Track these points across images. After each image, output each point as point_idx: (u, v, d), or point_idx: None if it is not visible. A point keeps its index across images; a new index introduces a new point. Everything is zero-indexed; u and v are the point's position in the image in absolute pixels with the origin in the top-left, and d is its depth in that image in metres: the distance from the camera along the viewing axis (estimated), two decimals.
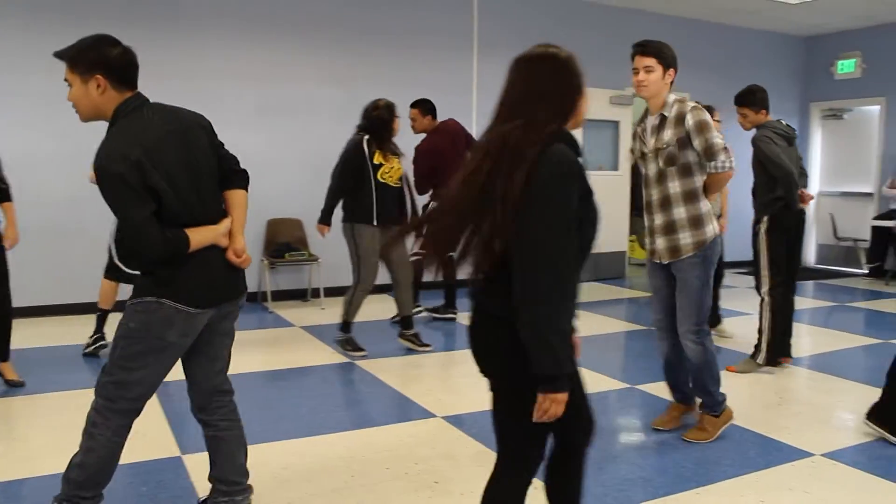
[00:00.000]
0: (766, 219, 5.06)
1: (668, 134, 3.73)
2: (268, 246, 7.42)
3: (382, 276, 5.78)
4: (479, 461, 3.62)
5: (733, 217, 6.60)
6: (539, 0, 8.90)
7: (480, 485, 3.32)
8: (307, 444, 3.84)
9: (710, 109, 6.10)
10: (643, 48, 3.77)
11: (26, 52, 6.46)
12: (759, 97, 5.15)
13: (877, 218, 9.99)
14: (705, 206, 3.76)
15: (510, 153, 1.97)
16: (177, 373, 2.78)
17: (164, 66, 6.92)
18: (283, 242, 7.36)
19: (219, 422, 2.89)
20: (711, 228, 3.75)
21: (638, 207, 9.78)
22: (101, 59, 2.44)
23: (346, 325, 5.65)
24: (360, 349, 5.62)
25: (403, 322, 5.82)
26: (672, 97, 3.80)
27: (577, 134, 2.08)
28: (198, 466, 3.48)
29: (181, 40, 7.07)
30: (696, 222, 3.73)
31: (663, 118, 3.78)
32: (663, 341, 4.00)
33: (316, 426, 4.09)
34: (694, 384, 3.99)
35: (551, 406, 1.99)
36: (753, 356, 5.28)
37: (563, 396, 1.99)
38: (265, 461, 3.58)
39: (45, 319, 6.58)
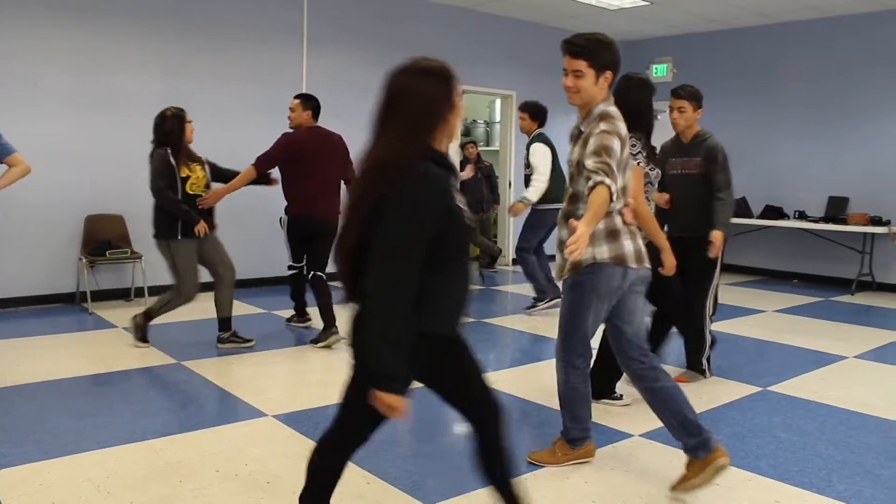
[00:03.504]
0: None
1: (577, 153, 3.18)
2: (87, 244, 7.01)
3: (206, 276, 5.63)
4: None
5: None
6: None
7: None
8: (131, 450, 3.67)
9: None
10: (570, 48, 3.09)
11: None
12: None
13: None
14: (602, 224, 3.18)
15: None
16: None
17: None
18: (104, 240, 6.98)
19: None
20: (590, 252, 3.17)
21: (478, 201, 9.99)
22: None
23: (149, 316, 5.68)
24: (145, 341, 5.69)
25: (222, 324, 5.70)
26: (600, 108, 3.14)
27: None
28: (8, 483, 3.26)
29: None
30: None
31: (580, 132, 3.21)
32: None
33: (140, 431, 3.91)
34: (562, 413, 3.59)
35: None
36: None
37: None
38: (85, 471, 3.39)
39: None
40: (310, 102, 5.87)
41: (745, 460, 3.68)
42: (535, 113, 7.06)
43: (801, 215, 9.44)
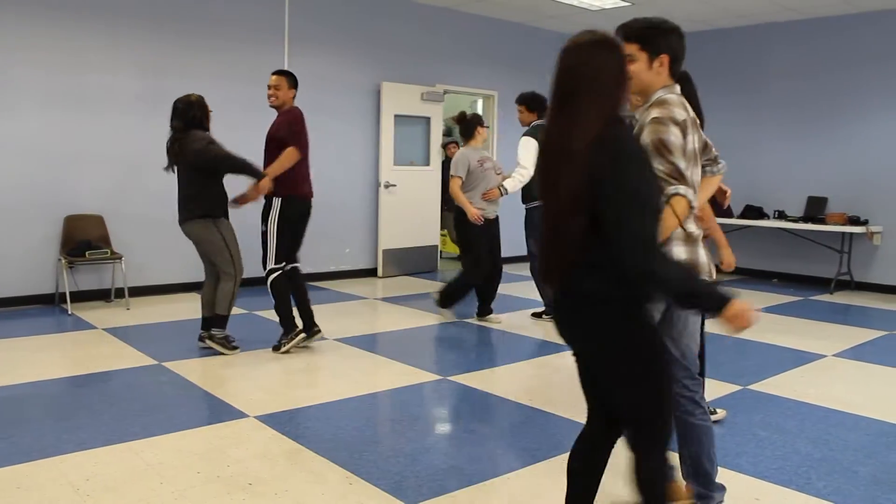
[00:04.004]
0: None
1: None
2: (66, 244, 6.95)
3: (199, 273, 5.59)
4: (293, 460, 3.59)
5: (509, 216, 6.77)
6: None
7: (294, 484, 3.31)
8: (111, 452, 3.64)
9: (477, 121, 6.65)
10: (624, 31, 2.83)
11: None
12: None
13: None
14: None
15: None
16: None
17: None
18: (84, 240, 6.92)
19: None
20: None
21: (448, 202, 10.00)
22: None
23: (222, 320, 5.53)
24: (235, 346, 5.58)
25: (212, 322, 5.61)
26: (658, 94, 2.87)
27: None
28: None
29: None
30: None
31: (634, 120, 2.93)
32: None
33: (120, 433, 3.89)
34: None
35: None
36: None
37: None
38: (64, 474, 3.37)
39: None
40: (293, 80, 5.69)
41: (725, 458, 3.70)
42: (531, 104, 6.64)
43: (781, 215, 9.51)
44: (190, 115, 5.39)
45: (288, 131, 5.49)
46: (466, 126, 6.73)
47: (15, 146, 6.66)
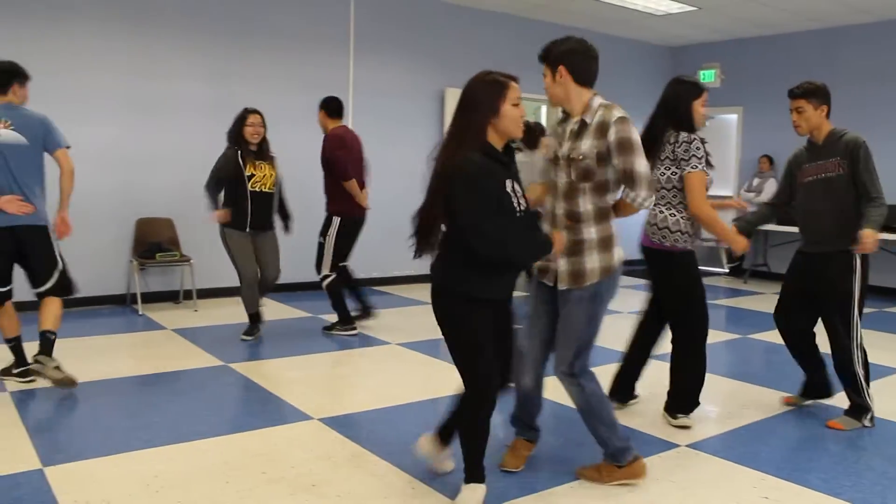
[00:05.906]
0: None
1: (587, 144, 3.21)
2: (137, 246, 7.14)
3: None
4: (356, 463, 3.60)
5: None
6: (417, 2, 8.92)
7: (357, 486, 3.33)
8: (179, 450, 3.72)
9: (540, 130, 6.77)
10: (541, 57, 3.55)
11: None
12: None
13: (736, 220, 10.51)
14: (615, 226, 3.31)
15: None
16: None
17: (25, 55, 6.54)
18: (154, 242, 7.10)
19: None
20: (618, 253, 3.30)
21: None
22: None
23: (252, 317, 6.09)
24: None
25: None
26: (598, 100, 3.30)
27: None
28: (62, 478, 3.32)
29: (45, 26, 6.70)
30: (606, 244, 3.26)
31: (584, 124, 3.27)
32: (527, 374, 3.55)
33: (188, 432, 3.96)
34: (591, 431, 3.42)
35: None
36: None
37: None
38: (134, 469, 3.44)
39: None
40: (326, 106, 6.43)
41: (794, 473, 3.60)
42: None
43: None
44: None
45: (335, 159, 6.12)
46: (532, 136, 7.07)
47: (89, 151, 6.84)
